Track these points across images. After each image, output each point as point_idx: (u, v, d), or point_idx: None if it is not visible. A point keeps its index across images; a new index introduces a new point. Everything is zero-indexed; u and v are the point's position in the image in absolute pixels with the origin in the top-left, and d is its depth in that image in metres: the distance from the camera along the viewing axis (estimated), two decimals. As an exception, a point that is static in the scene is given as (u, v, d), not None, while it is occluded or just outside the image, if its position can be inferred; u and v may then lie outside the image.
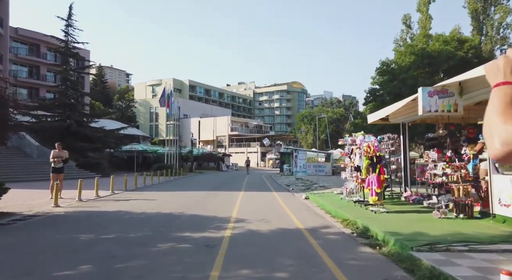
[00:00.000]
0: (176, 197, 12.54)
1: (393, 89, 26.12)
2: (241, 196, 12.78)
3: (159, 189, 15.65)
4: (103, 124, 32.03)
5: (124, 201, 11.01)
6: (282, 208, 9.49)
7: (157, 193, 13.79)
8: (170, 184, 19.07)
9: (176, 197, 12.36)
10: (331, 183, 17.83)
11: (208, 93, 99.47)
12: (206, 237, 5.80)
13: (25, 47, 39.93)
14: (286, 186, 18.08)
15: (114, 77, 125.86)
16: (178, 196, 12.92)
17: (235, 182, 20.98)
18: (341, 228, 6.54)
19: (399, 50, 30.92)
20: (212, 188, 16.27)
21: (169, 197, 12.51)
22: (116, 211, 8.79)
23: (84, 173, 23.55)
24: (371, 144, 7.08)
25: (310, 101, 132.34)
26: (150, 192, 14.11)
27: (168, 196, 12.68)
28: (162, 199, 11.75)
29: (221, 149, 61.35)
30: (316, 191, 13.99)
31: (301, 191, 14.75)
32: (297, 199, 11.86)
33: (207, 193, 13.73)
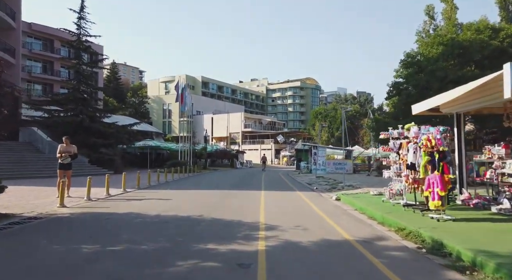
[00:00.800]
0: (193, 196, 11.46)
1: (419, 82, 24.44)
2: (263, 196, 11.60)
3: (174, 187, 14.64)
4: (116, 120, 31.38)
5: (137, 201, 9.98)
6: (315, 212, 8.27)
7: (172, 192, 12.76)
8: (184, 182, 18.06)
9: (192, 197, 11.28)
10: (358, 182, 16.48)
11: (221, 90, 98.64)
12: (236, 252, 4.64)
13: (39, 42, 39.67)
14: (308, 185, 16.84)
15: (127, 74, 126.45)
16: (195, 195, 11.84)
17: (253, 180, 19.84)
18: (400, 241, 5.29)
19: (425, 41, 29.12)
20: (229, 187, 15.16)
21: (185, 196, 11.44)
22: (127, 213, 7.74)
23: (96, 169, 22.83)
24: (432, 137, 5.78)
25: (324, 98, 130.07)
26: (165, 191, 13.09)
27: (184, 196, 11.62)
28: (177, 198, 10.68)
29: (234, 146, 60.35)
30: (345, 191, 12.70)
31: (326, 191, 13.50)
32: (327, 200, 10.61)
33: (225, 193, 12.62)
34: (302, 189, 14.43)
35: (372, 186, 14.07)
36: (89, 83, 29.34)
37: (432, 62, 25.30)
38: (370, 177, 21.53)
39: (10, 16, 26.58)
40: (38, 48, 39.09)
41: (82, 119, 25.46)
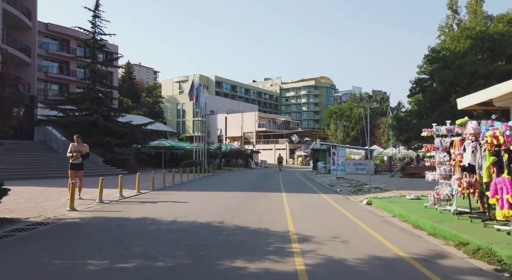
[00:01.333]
0: (211, 199, 10.70)
1: (446, 78, 23.10)
2: (286, 199, 10.74)
3: (190, 189, 13.94)
4: (130, 119, 31.08)
5: (151, 204, 9.29)
6: (349, 218, 7.37)
7: (188, 194, 12.05)
8: (200, 183, 17.37)
9: (210, 199, 10.52)
10: (384, 184, 15.41)
11: (234, 89, 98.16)
12: (271, 272, 3.81)
13: (56, 42, 39.90)
14: (330, 187, 15.88)
15: (142, 75, 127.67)
16: (213, 197, 11.08)
17: (271, 181, 18.99)
18: (467, 259, 4.35)
19: (451, 35, 27.64)
20: (248, 188, 14.36)
21: (202, 199, 10.70)
22: (140, 219, 7.02)
23: (110, 169, 22.44)
24: (499, 133, 4.81)
25: (338, 97, 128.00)
26: (180, 192, 12.39)
27: (201, 198, 10.88)
28: (194, 201, 9.94)
29: (248, 146, 59.62)
30: (373, 194, 11.71)
31: (352, 194, 12.54)
32: (357, 205, 9.67)
33: (244, 195, 11.81)
34: (326, 191, 13.50)
35: (402, 189, 13.02)
36: (104, 82, 29.11)
37: (459, 56, 23.90)
38: (395, 178, 20.37)
39: (26, 15, 26.53)
40: (55, 48, 39.31)
41: (96, 118, 25.16)
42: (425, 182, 16.68)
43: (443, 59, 24.84)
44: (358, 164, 26.17)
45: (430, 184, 14.57)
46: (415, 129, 26.17)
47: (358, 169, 25.82)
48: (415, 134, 26.67)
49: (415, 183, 15.91)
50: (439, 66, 24.87)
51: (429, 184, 14.49)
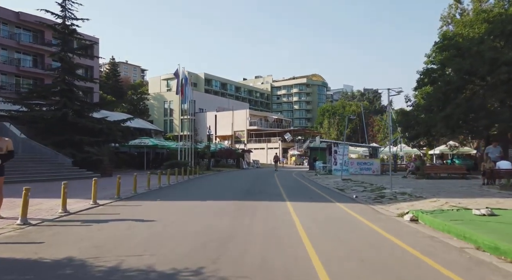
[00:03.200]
0: (189, 214, 7.75)
1: (462, 66, 20.54)
2: (293, 212, 7.88)
3: (167, 197, 10.96)
4: (107, 115, 27.84)
5: (99, 226, 6.29)
6: (411, 254, 4.52)
7: (161, 205, 9.08)
8: (182, 188, 14.38)
9: (188, 215, 7.57)
10: (408, 188, 12.65)
11: (224, 87, 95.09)
12: None
13: (29, 33, 36.34)
14: (339, 191, 13.10)
15: (129, 73, 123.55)
16: (192, 212, 8.14)
17: (268, 185, 16.12)
18: None
19: (463, 20, 25.19)
20: (241, 195, 11.45)
21: (178, 214, 7.74)
22: (57, 265, 4.04)
23: (79, 172, 19.20)
24: None
25: (330, 95, 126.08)
26: (152, 203, 9.41)
27: (176, 213, 7.92)
28: (165, 219, 6.98)
29: (239, 145, 56.70)
30: (406, 203, 8.95)
31: (375, 202, 9.76)
32: (397, 222, 6.85)
33: (236, 206, 8.89)
34: (338, 198, 10.68)
35: (438, 195, 10.27)
36: (77, 73, 25.83)
37: (476, 42, 21.43)
38: (408, 179, 17.74)
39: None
40: (27, 40, 35.76)
41: (64, 113, 21.86)
42: (455, 185, 13.28)
43: (456, 46, 22.32)
44: (362, 163, 23.51)
45: (468, 189, 11.68)
46: (424, 124, 23.66)
47: (363, 169, 23.16)
48: (424, 130, 24.17)
49: (445, 186, 13.24)
50: (452, 53, 22.36)
51: (467, 189, 11.59)
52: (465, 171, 16.91)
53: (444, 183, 14.73)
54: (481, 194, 10.26)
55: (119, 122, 26.28)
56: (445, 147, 32.52)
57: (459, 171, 17.31)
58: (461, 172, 17.07)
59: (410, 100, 27.07)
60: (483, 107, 20.06)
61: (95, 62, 45.89)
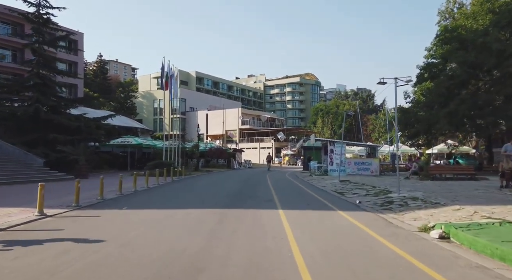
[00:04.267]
0: (155, 230, 6.08)
1: (467, 59, 19.22)
2: (287, 225, 6.27)
3: (137, 204, 9.28)
4: (88, 112, 25.95)
5: (25, 248, 4.60)
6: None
7: (124, 216, 7.40)
8: (161, 192, 12.69)
9: (154, 232, 5.89)
10: (417, 191, 11.15)
11: (216, 86, 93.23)
12: None
13: (7, 27, 34.18)
14: (339, 195, 11.58)
15: (119, 71, 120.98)
16: (161, 226, 6.47)
17: (259, 187, 14.51)
18: None
19: (465, 12, 23.90)
20: (227, 201, 9.82)
21: (140, 230, 6.06)
22: None
23: (50, 174, 17.29)
24: None
25: (323, 95, 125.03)
26: (115, 213, 7.73)
27: (139, 228, 6.24)
28: (120, 238, 5.31)
29: (231, 144, 55.01)
30: (424, 211, 7.43)
31: (383, 209, 8.24)
32: (422, 239, 5.28)
33: (219, 216, 7.26)
34: (339, 205, 9.12)
35: (458, 200, 8.75)
36: (53, 66, 23.89)
37: (480, 34, 20.15)
38: (412, 181, 16.29)
39: None
40: (4, 33, 33.63)
41: (36, 109, 19.95)
42: (468, 188, 11.60)
43: (458, 38, 21.01)
44: (360, 163, 22.03)
45: (486, 192, 10.28)
46: (424, 122, 22.33)
47: (361, 170, 21.70)
48: (425, 128, 22.84)
49: (457, 189, 11.79)
50: (455, 46, 21.05)
51: (485, 193, 10.23)
52: (473, 172, 15.53)
53: (454, 185, 13.29)
54: (507, 200, 8.79)
55: (99, 119, 24.40)
56: (443, 146, 31.29)
57: (466, 171, 15.92)
58: (469, 173, 15.68)
59: (410, 96, 25.73)
60: (489, 102, 18.77)
61: (79, 58, 43.85)
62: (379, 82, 10.67)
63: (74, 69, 43.27)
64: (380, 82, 10.66)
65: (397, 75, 29.64)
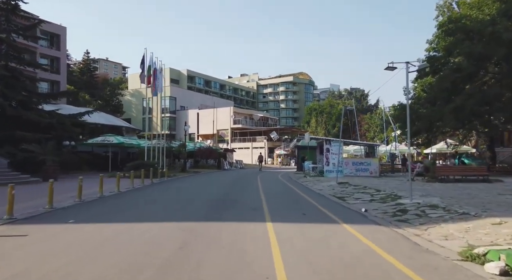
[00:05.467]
0: (78, 267, 4.24)
1: (474, 50, 17.69)
2: (276, 250, 4.52)
3: (88, 217, 7.45)
4: (65, 108, 23.90)
5: None
6: None
7: (56, 239, 5.56)
8: (130, 198, 10.85)
9: (73, 271, 4.08)
10: (432, 196, 9.49)
11: (208, 85, 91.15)
12: None
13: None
14: (339, 200, 9.91)
15: (110, 70, 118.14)
16: (92, 256, 4.65)
17: (247, 191, 12.76)
18: None
19: (468, 2, 22.44)
20: (205, 211, 8.05)
21: (58, 265, 4.22)
22: None
23: (13, 176, 15.28)
24: None
25: (317, 95, 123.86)
26: (52, 229, 5.91)
27: (60, 260, 4.39)
28: (24, 276, 3.50)
29: (223, 144, 53.18)
30: (453, 224, 5.77)
31: (401, 222, 6.56)
32: (479, 278, 3.57)
33: (185, 236, 5.46)
34: (344, 215, 7.42)
35: (490, 209, 7.08)
36: (23, 57, 21.81)
37: (486, 24, 18.70)
38: (417, 183, 14.69)
39: None
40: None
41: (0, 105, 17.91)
42: (489, 192, 10.18)
43: (463, 29, 19.51)
44: (358, 163, 20.40)
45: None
46: (426, 119, 20.79)
47: (359, 171, 20.08)
48: (426, 126, 21.31)
49: (476, 193, 10.19)
50: (459, 38, 19.55)
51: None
52: (486, 173, 13.98)
53: (470, 188, 11.70)
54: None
55: (76, 116, 22.38)
56: (443, 146, 29.91)
57: (478, 172, 14.36)
58: (481, 174, 14.12)
59: (410, 92, 24.13)
60: (499, 97, 17.30)
61: (62, 53, 41.66)
62: (388, 67, 9.03)
63: (56, 64, 41.08)
64: (388, 67, 9.02)
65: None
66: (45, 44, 39.40)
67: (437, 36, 22.19)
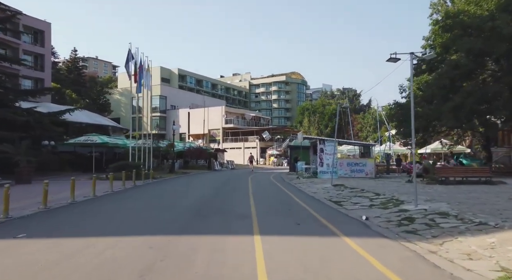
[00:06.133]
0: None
1: (474, 45, 16.98)
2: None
3: (45, 229, 6.39)
4: (37, 105, 22.55)
5: None
6: None
7: (10, 258, 4.53)
8: (102, 205, 9.77)
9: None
10: (439, 202, 8.64)
11: (200, 84, 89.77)
12: None
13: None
14: (336, 205, 9.01)
15: (100, 69, 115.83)
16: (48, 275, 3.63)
17: (235, 195, 11.77)
18: None
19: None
20: (181, 222, 7.04)
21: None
22: None
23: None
24: None
25: (309, 94, 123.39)
26: (7, 244, 4.84)
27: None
28: None
29: (214, 144, 52.07)
30: (473, 237, 4.87)
31: (410, 234, 5.67)
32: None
33: (148, 260, 4.45)
34: (343, 225, 6.49)
35: (509, 218, 6.22)
36: None
37: (485, 20, 18.05)
38: (417, 184, 13.87)
39: None
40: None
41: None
42: (499, 196, 9.39)
43: (461, 24, 18.82)
44: (353, 164, 19.56)
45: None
46: (423, 118, 20.06)
47: (354, 171, 19.25)
48: (423, 125, 20.58)
49: (484, 197, 9.37)
50: (458, 34, 18.85)
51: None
52: (489, 174, 13.23)
53: (476, 191, 10.90)
54: None
55: (55, 114, 21.10)
56: (437, 145, 29.33)
57: (481, 174, 13.60)
58: (484, 175, 13.37)
59: (405, 90, 23.43)
60: (499, 95, 16.61)
61: (46, 50, 40.13)
62: (390, 58, 8.15)
63: (41, 62, 39.56)
64: (391, 58, 8.14)
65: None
66: (28, 40, 37.95)
67: (433, 32, 21.50)
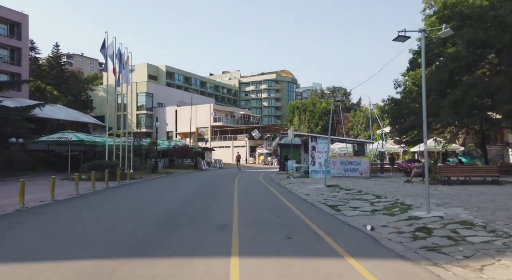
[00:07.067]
0: None
1: (476, 36, 15.91)
2: None
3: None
4: (21, 103, 20.77)
5: None
6: None
7: None
8: (57, 212, 8.26)
9: None
10: (456, 208, 7.44)
11: (188, 82, 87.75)
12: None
13: None
14: (333, 210, 7.73)
15: (85, 66, 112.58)
16: None
17: (218, 199, 10.36)
18: None
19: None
20: (139, 238, 5.61)
21: None
22: None
23: None
24: None
25: (300, 93, 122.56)
26: None
27: None
28: None
29: (202, 143, 50.47)
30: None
31: (434, 253, 4.37)
32: None
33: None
34: (346, 240, 5.18)
35: None
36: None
37: (486, 9, 17.07)
38: (418, 185, 12.76)
39: None
40: None
41: None
42: None
43: (460, 15, 17.79)
44: (347, 163, 18.34)
45: None
46: (421, 113, 18.97)
47: (348, 171, 18.05)
48: (420, 121, 19.50)
49: (504, 200, 8.20)
50: (455, 25, 17.82)
51: None
52: (497, 174, 12.17)
53: (485, 192, 9.76)
54: None
55: (24, 109, 19.31)
56: (431, 143, 28.46)
57: (487, 173, 12.53)
58: (491, 175, 12.29)
59: (400, 85, 22.36)
60: (502, 89, 15.61)
61: (23, 43, 37.92)
62: (398, 37, 6.91)
63: (17, 55, 37.45)
64: (399, 36, 6.91)
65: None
66: (3, 33, 35.83)
67: (429, 24, 20.45)
